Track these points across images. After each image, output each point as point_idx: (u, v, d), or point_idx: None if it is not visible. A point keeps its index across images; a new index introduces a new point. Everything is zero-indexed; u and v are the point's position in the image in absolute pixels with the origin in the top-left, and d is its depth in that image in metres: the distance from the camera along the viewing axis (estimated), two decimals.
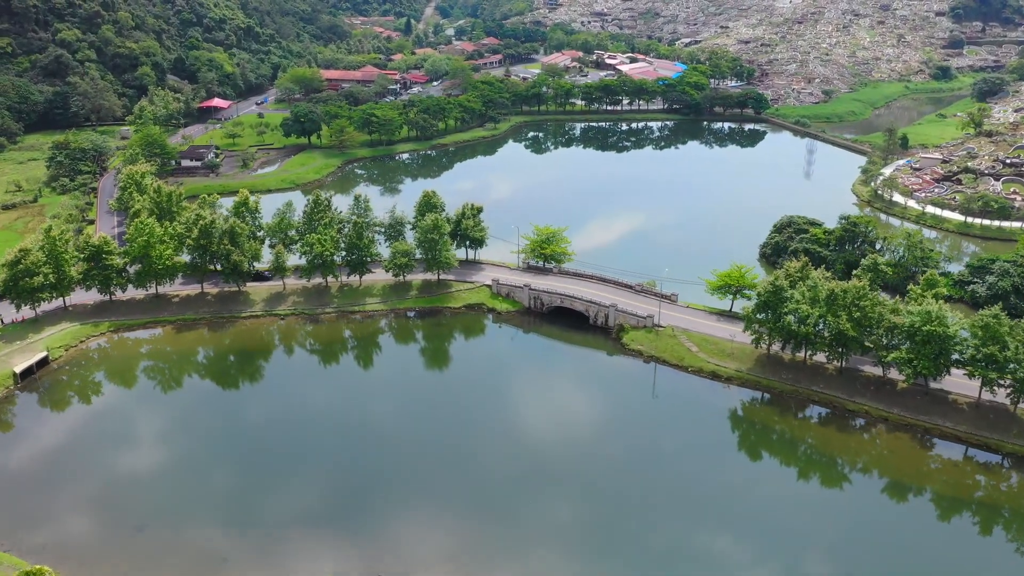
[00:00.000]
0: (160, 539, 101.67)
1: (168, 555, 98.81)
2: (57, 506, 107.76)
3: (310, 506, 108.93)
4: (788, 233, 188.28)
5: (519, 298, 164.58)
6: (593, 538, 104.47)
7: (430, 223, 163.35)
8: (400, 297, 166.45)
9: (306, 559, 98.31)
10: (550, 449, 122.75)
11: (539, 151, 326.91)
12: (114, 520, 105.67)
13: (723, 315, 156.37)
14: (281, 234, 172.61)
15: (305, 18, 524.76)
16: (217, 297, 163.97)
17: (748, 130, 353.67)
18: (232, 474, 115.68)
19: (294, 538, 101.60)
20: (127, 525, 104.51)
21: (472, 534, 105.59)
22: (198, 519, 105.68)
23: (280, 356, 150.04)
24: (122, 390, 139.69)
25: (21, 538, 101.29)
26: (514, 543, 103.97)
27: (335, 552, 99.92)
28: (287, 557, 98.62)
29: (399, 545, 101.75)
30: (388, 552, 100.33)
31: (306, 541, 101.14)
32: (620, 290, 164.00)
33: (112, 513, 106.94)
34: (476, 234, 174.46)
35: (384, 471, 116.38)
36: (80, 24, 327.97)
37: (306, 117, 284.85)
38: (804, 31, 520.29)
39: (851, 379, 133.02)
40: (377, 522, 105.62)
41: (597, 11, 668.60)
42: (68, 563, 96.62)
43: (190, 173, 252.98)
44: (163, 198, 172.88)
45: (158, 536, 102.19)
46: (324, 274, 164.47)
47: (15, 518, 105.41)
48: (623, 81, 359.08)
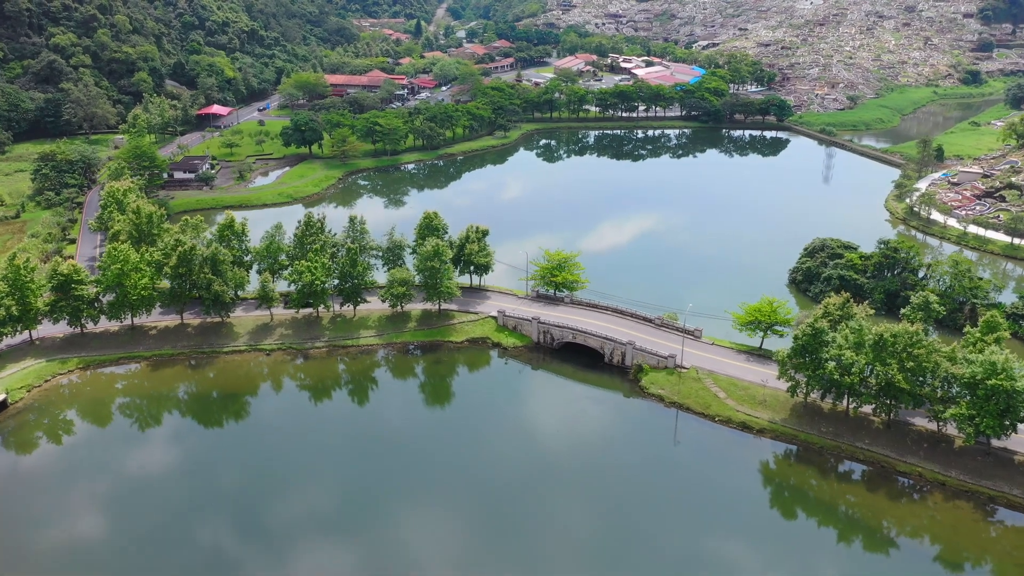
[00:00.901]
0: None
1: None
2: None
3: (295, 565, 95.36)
4: (821, 258, 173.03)
5: (527, 332, 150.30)
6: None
7: (430, 249, 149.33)
8: (397, 329, 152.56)
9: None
10: (558, 500, 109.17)
11: (551, 159, 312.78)
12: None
13: (752, 353, 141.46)
14: (270, 259, 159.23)
15: (312, 20, 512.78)
16: (198, 329, 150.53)
17: (770, 138, 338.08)
18: (209, 532, 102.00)
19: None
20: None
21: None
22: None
23: (264, 398, 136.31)
24: (90, 436, 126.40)
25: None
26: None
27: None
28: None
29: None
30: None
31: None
32: (638, 324, 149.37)
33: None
34: (481, 260, 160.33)
35: (377, 522, 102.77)
36: (76, 28, 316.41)
37: (307, 126, 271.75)
38: (826, 33, 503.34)
39: (901, 434, 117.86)
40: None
41: (612, 12, 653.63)
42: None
43: (183, 186, 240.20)
44: (142, 220, 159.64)
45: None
46: (314, 304, 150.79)
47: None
48: (639, 87, 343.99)
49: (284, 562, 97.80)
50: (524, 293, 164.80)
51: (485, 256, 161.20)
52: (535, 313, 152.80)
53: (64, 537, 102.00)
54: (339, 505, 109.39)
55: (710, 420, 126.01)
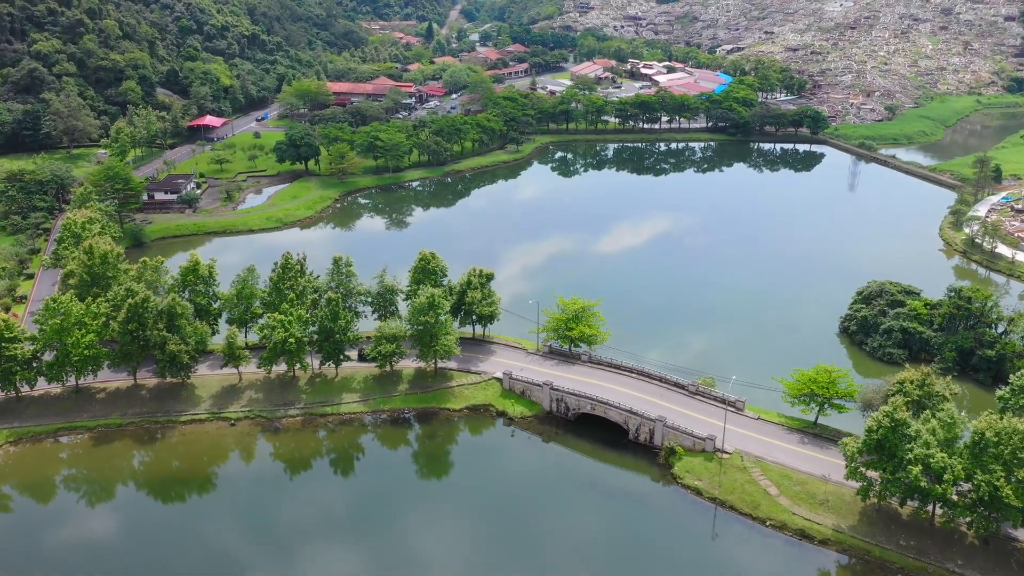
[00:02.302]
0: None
1: None
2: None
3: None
4: (879, 306, 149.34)
5: (537, 398, 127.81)
6: None
7: (424, 302, 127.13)
8: (386, 393, 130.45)
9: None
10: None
11: (567, 174, 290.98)
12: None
13: (807, 432, 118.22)
14: (241, 307, 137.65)
15: (319, 24, 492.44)
16: (154, 392, 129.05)
17: (803, 152, 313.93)
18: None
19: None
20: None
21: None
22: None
23: (225, 481, 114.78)
24: (15, 525, 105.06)
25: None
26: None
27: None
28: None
29: None
30: None
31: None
32: (669, 390, 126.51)
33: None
34: (484, 310, 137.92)
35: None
36: (61, 34, 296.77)
37: (302, 141, 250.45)
38: (858, 37, 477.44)
39: (1003, 554, 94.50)
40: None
41: (631, 15, 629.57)
42: None
43: (164, 208, 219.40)
44: (95, 260, 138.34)
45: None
46: (289, 364, 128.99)
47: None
48: (662, 97, 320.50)
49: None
50: (535, 346, 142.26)
51: (490, 305, 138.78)
52: (547, 375, 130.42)
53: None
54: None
55: (760, 523, 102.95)
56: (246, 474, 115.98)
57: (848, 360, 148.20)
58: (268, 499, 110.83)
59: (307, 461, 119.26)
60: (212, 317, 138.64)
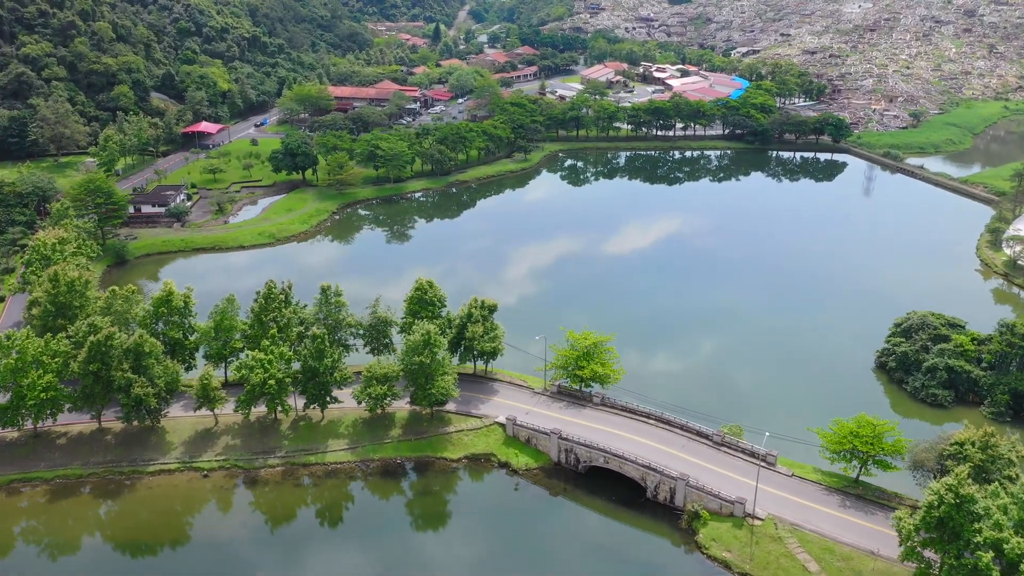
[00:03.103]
0: None
1: None
2: None
3: None
4: (921, 341, 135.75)
5: (544, 447, 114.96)
6: None
7: (419, 340, 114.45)
8: (377, 439, 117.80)
9: None
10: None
11: (576, 182, 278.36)
12: None
13: (848, 493, 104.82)
14: (220, 341, 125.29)
15: (323, 25, 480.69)
16: (120, 437, 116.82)
17: (824, 161, 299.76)
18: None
19: None
20: None
21: None
22: None
23: (195, 544, 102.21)
24: None
25: None
26: None
27: None
28: None
29: None
30: None
31: None
32: (691, 440, 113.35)
33: None
34: (486, 346, 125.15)
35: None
36: (52, 36, 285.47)
37: (299, 150, 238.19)
38: (878, 40, 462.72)
39: None
40: None
41: (643, 16, 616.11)
42: None
43: (151, 222, 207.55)
44: (62, 289, 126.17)
45: None
46: (270, 407, 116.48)
47: None
48: (676, 103, 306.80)
49: None
50: (542, 384, 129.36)
51: (492, 341, 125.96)
52: (555, 420, 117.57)
53: None
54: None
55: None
56: (218, 534, 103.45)
57: (886, 398, 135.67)
58: (242, 564, 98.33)
59: (287, 519, 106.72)
60: (188, 352, 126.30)
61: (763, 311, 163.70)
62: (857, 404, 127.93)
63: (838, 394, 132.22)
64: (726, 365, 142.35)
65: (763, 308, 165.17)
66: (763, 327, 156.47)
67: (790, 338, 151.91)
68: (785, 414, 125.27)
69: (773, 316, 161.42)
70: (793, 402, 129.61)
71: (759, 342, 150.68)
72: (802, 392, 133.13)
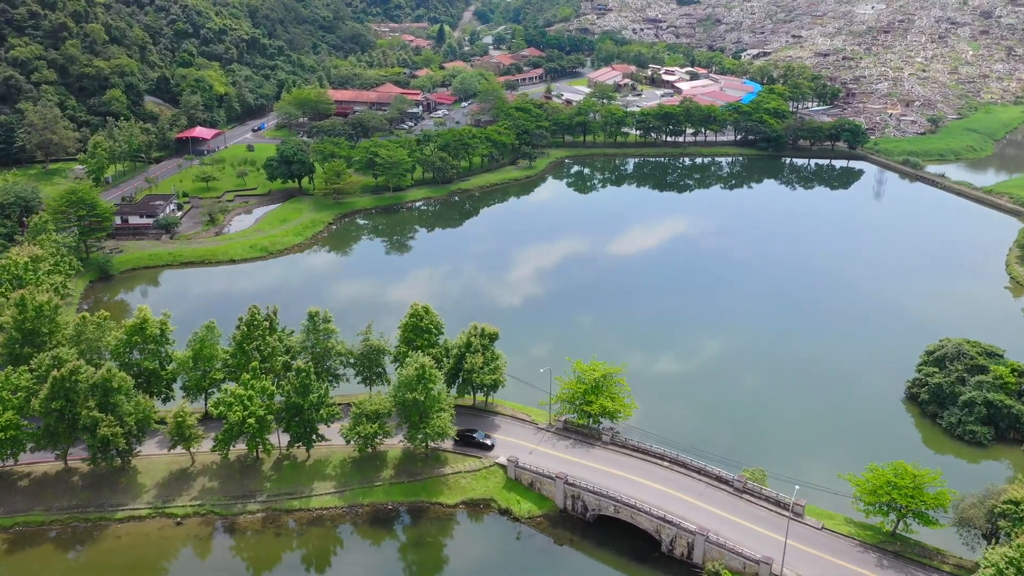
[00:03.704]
0: None
1: None
2: None
3: None
4: (956, 372, 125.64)
5: (549, 493, 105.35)
6: None
7: (413, 374, 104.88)
8: (366, 481, 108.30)
9: None
10: None
11: (584, 190, 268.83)
12: None
13: (885, 547, 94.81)
14: (198, 372, 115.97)
15: (325, 26, 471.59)
16: (88, 478, 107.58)
17: (840, 169, 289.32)
18: None
19: None
20: None
21: None
22: None
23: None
24: None
25: None
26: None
27: None
28: None
29: None
30: None
31: None
32: (710, 486, 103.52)
33: None
34: (486, 378, 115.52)
35: None
36: (43, 39, 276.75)
37: (295, 157, 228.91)
38: (892, 42, 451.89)
39: None
40: None
41: (650, 17, 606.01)
42: None
43: (138, 234, 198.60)
44: (29, 315, 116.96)
45: None
46: (250, 446, 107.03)
47: None
48: (687, 108, 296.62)
49: None
50: (547, 418, 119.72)
51: (492, 373, 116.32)
52: (560, 461, 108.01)
53: None
54: None
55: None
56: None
57: (917, 432, 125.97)
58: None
59: (267, 572, 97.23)
60: (164, 383, 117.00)
61: (780, 335, 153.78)
62: (887, 441, 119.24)
63: (866, 429, 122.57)
64: (743, 395, 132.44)
65: (780, 331, 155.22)
66: (781, 352, 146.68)
67: (811, 364, 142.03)
68: (810, 453, 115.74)
69: (791, 340, 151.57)
70: (818, 438, 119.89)
71: (777, 370, 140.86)
72: (827, 426, 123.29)
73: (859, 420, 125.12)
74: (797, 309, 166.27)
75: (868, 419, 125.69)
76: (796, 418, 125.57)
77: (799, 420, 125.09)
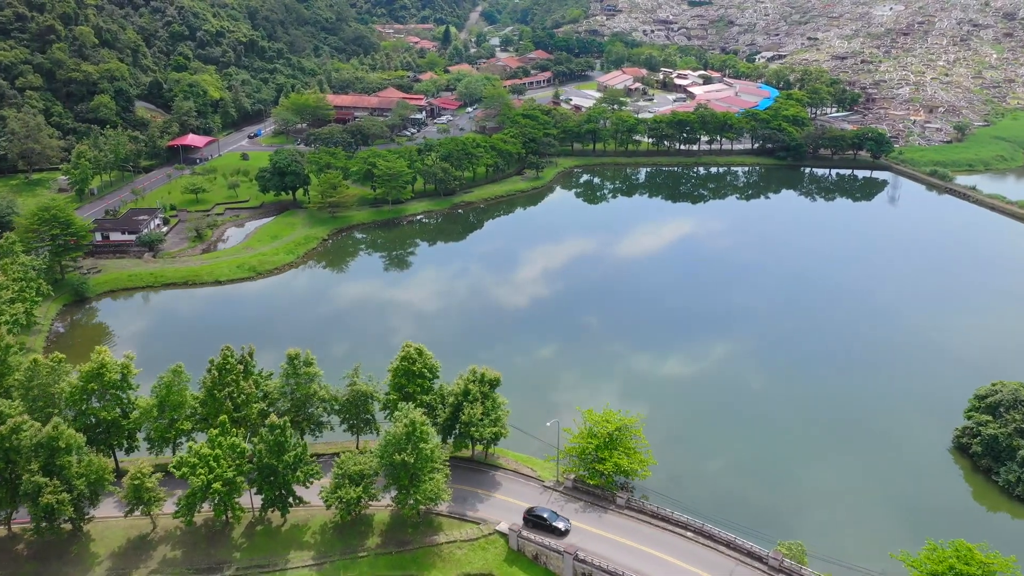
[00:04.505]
0: None
1: None
2: None
3: None
4: (1015, 422, 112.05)
5: (556, 568, 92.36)
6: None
7: (402, 432, 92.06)
8: (349, 549, 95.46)
9: None
10: None
11: (593, 200, 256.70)
12: None
13: None
14: (164, 421, 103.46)
15: (327, 28, 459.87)
16: (34, 549, 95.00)
17: (862, 179, 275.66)
18: None
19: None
20: None
21: None
22: None
23: None
24: None
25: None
26: None
27: None
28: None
29: None
30: None
31: None
32: (741, 563, 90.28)
33: None
34: (486, 432, 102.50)
35: None
36: (30, 42, 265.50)
37: (288, 169, 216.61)
38: (912, 45, 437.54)
39: None
40: None
41: (661, 19, 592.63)
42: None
43: (120, 251, 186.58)
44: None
45: None
46: (217, 512, 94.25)
47: None
48: (702, 115, 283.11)
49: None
50: (555, 475, 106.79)
51: (493, 425, 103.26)
52: (569, 538, 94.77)
53: None
54: None
55: None
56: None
57: (967, 485, 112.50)
58: None
59: None
60: (126, 434, 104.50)
61: (809, 370, 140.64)
62: (935, 498, 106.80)
63: (911, 483, 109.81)
64: (771, 440, 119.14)
65: (809, 366, 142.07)
66: (812, 391, 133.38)
67: (845, 403, 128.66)
68: (850, 514, 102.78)
69: (821, 375, 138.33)
70: (858, 498, 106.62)
71: (808, 411, 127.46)
72: (867, 482, 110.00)
73: (902, 473, 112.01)
74: (825, 339, 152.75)
75: (912, 471, 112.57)
76: (831, 471, 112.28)
77: (834, 473, 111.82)
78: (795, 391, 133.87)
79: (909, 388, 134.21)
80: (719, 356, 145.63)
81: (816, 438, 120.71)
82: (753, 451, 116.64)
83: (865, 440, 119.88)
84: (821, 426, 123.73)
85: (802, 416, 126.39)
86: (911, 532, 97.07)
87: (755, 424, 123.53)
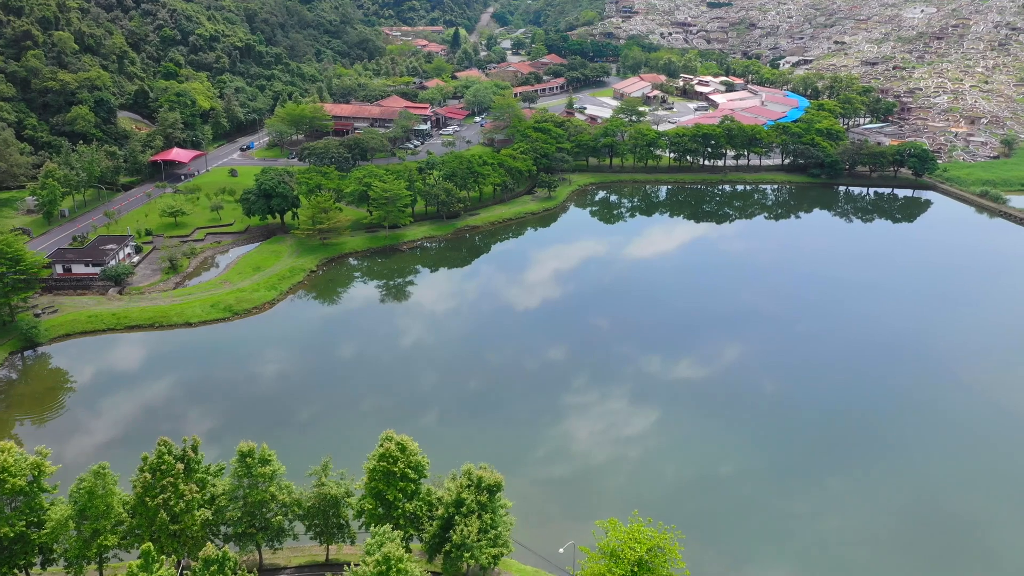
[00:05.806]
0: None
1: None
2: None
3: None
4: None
5: None
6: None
7: (371, 572, 71.15)
8: None
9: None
10: None
11: (609, 219, 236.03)
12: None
13: None
14: (83, 537, 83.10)
15: (331, 31, 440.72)
16: None
17: (903, 198, 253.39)
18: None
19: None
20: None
21: None
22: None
23: None
24: None
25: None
26: None
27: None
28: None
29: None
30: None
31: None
32: None
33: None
34: (482, 556, 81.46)
35: None
36: (4, 49, 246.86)
37: (275, 191, 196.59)
38: (947, 50, 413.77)
39: None
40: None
41: (679, 21, 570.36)
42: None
43: (82, 287, 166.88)
44: None
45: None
46: None
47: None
48: (728, 129, 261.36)
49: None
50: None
51: (493, 544, 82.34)
52: None
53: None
54: None
55: None
56: None
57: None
58: None
59: None
60: (37, 550, 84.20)
61: (858, 439, 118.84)
62: None
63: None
64: (828, 545, 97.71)
65: (863, 436, 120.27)
66: (869, 470, 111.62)
67: (907, 486, 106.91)
68: None
69: (880, 453, 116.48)
70: None
71: (873, 505, 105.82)
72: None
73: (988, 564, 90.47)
74: (879, 397, 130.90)
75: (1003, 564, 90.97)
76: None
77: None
78: (842, 467, 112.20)
79: (975, 451, 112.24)
80: (750, 413, 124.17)
81: (879, 525, 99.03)
82: (799, 543, 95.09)
83: (938, 532, 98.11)
84: (883, 513, 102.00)
85: (861, 502, 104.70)
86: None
87: (802, 512, 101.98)
